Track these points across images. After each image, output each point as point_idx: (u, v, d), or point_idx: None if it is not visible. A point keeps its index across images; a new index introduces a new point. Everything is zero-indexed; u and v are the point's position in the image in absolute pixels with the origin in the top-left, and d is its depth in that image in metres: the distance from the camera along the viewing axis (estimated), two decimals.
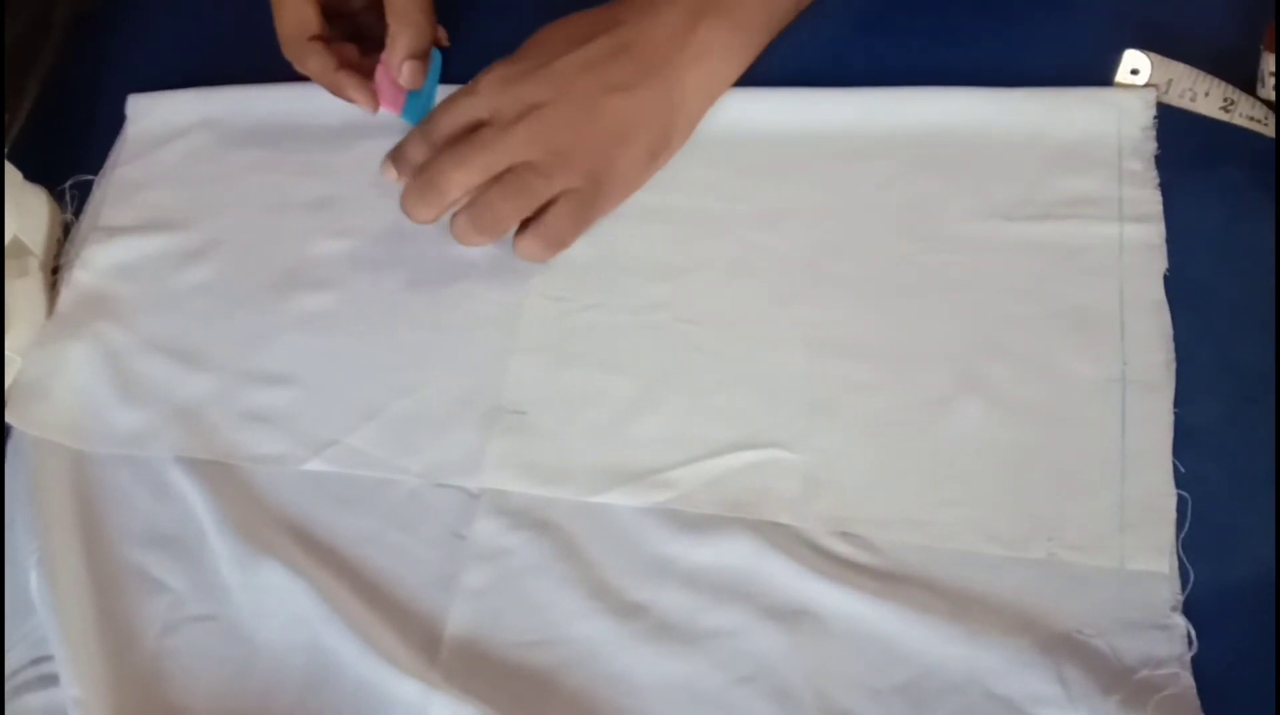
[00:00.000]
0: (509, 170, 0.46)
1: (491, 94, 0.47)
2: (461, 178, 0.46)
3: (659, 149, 0.49)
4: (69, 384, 0.50)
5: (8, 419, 0.49)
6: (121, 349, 0.51)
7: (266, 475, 0.47)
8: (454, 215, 0.47)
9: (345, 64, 0.51)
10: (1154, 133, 0.47)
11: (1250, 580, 0.39)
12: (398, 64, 0.50)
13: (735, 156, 0.50)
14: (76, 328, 0.51)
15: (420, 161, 0.47)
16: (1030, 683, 0.38)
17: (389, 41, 0.50)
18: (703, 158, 0.50)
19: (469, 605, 0.43)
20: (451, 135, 0.47)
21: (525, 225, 0.48)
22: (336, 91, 0.51)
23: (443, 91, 0.52)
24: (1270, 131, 0.46)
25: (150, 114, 0.56)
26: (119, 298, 0.52)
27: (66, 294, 0.53)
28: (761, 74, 0.51)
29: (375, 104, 0.51)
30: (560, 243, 0.48)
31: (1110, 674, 0.38)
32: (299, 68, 0.51)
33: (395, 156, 0.48)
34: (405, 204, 0.47)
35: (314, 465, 0.47)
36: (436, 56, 0.53)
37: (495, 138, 0.46)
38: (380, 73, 0.51)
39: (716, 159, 0.50)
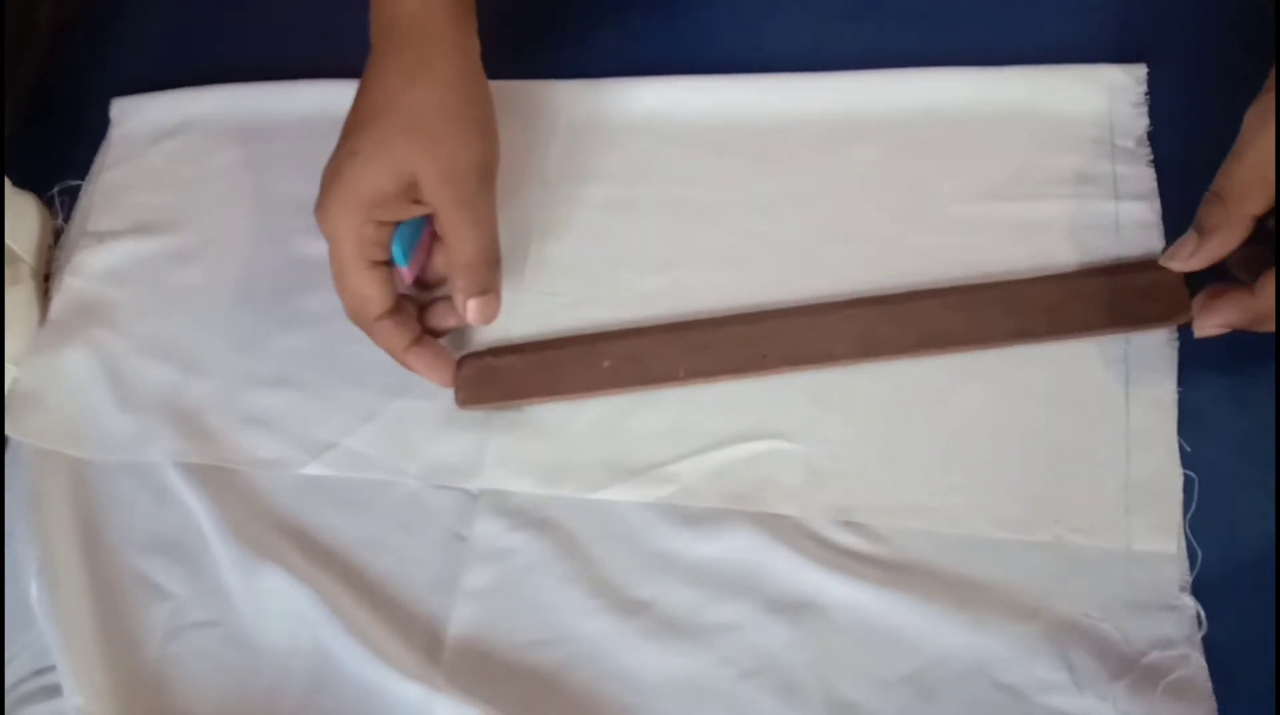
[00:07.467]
0: None
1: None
2: None
3: None
4: (65, 391, 0.50)
5: (5, 430, 0.49)
6: (116, 354, 0.50)
7: (266, 479, 0.47)
8: None
9: (418, 338, 0.46)
10: (1145, 109, 0.47)
11: (1257, 559, 0.39)
12: (460, 305, 0.45)
13: (720, 144, 0.50)
14: (70, 334, 0.51)
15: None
16: (1037, 670, 0.38)
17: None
18: (688, 146, 0.50)
19: (471, 606, 0.43)
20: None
21: None
22: (410, 368, 0.46)
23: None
24: None
25: (135, 116, 0.56)
26: (112, 303, 0.52)
27: (59, 301, 0.52)
28: (747, 59, 0.51)
29: (448, 379, 0.46)
30: None
31: (1119, 658, 0.38)
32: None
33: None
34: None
35: (313, 469, 0.47)
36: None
37: None
38: None
39: (702, 147, 0.50)
